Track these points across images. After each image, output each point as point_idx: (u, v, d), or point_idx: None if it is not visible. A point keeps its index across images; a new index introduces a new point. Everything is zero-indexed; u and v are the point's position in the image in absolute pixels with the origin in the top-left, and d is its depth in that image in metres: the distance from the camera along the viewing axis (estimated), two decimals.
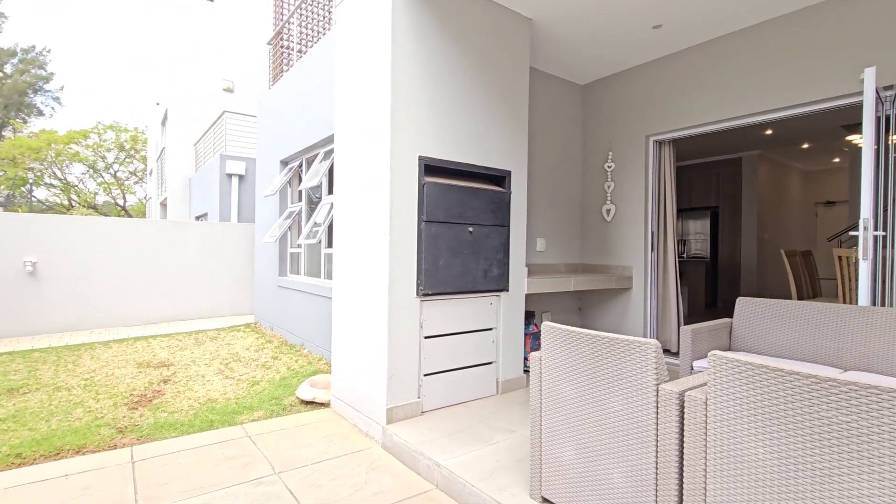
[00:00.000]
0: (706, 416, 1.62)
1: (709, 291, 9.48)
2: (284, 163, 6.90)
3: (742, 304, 3.45)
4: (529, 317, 4.74)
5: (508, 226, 3.96)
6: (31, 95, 32.48)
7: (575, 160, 5.61)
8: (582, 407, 2.05)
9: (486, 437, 3.05)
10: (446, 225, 3.54)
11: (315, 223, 5.70)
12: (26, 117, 32.52)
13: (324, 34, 6.34)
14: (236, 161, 10.39)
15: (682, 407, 1.71)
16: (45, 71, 33.01)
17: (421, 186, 3.43)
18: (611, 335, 1.92)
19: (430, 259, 3.46)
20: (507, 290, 3.97)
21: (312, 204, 6.29)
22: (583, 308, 5.66)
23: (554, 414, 2.20)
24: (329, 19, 6.24)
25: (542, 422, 2.26)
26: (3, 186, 27.35)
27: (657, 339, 5.04)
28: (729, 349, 3.47)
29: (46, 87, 33.16)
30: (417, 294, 3.43)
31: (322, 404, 4.05)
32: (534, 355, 2.33)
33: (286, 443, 3.29)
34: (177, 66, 14.05)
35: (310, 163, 6.23)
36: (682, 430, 1.71)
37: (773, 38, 4.04)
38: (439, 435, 3.09)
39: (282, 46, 7.20)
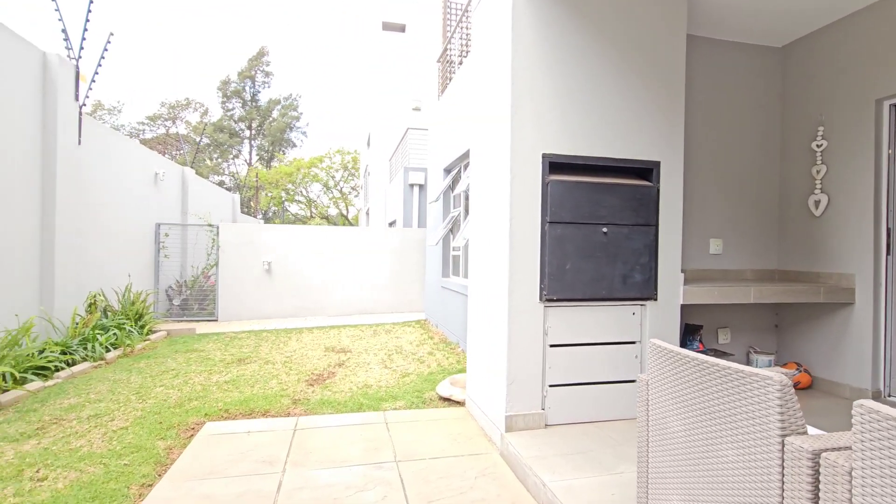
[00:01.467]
0: (850, 491, 1.12)
1: None
2: (447, 170, 7.33)
3: None
4: (693, 331, 4.01)
5: (656, 225, 3.42)
6: (288, 132, 41.70)
7: (768, 141, 4.52)
8: (691, 448, 1.64)
9: (608, 465, 2.69)
10: (574, 225, 3.26)
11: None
12: (285, 150, 41.90)
13: None
14: (417, 172, 11.49)
15: (818, 473, 1.22)
16: (297, 112, 42.01)
17: (545, 185, 3.23)
18: (722, 362, 1.49)
19: (555, 262, 3.23)
20: (655, 299, 3.44)
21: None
22: (780, 326, 4.52)
23: (660, 452, 1.81)
24: None
25: (650, 459, 1.89)
26: (271, 204, 35.85)
27: None
28: None
29: (297, 124, 42.15)
30: (541, 299, 3.24)
31: (458, 402, 4.16)
32: (640, 378, 1.96)
33: (414, 434, 3.48)
34: (377, 93, 16.28)
35: (466, 169, 6.49)
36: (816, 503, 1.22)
37: None
38: (556, 452, 2.85)
39: (447, 61, 7.68)
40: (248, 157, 40.57)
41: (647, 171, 3.45)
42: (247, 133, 40.37)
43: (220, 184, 36.10)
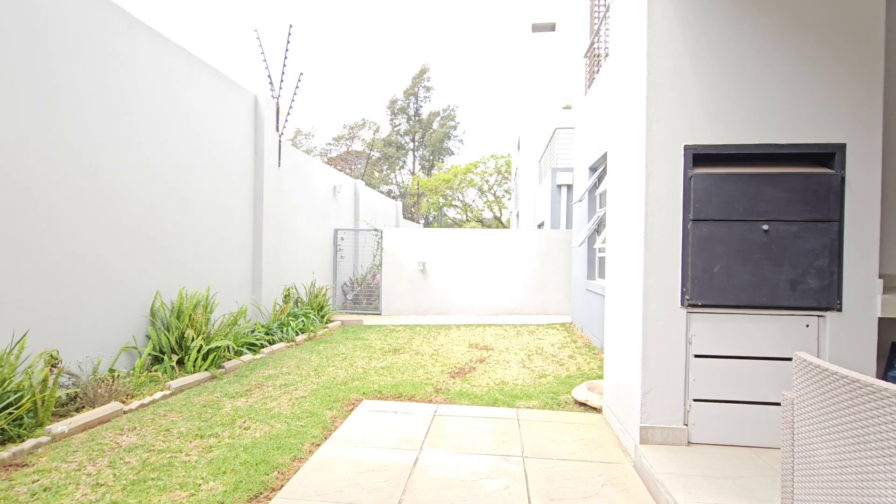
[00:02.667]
0: None
1: None
2: (592, 169, 7.06)
3: None
4: None
5: (840, 220, 2.85)
6: (447, 141, 44.38)
7: None
8: (842, 481, 1.39)
9: (760, 496, 2.36)
10: (725, 223, 2.92)
11: None
12: (444, 157, 44.70)
13: None
14: (565, 172, 11.24)
15: None
16: (455, 121, 44.49)
17: (687, 179, 2.96)
18: (878, 382, 1.24)
19: (701, 264, 2.93)
20: (838, 310, 2.86)
21: None
22: None
23: (808, 482, 1.56)
24: None
25: (795, 490, 1.64)
26: (430, 209, 38.65)
27: None
28: None
29: (454, 133, 44.58)
30: (682, 304, 2.97)
31: (594, 408, 4.02)
32: (785, 397, 1.71)
33: (545, 434, 3.50)
34: (527, 96, 16.36)
35: None
36: None
37: None
38: (697, 473, 2.60)
39: (593, 55, 7.40)
40: (412, 166, 44.34)
41: (826, 156, 2.90)
42: (410, 145, 44.17)
43: (388, 193, 40.21)
